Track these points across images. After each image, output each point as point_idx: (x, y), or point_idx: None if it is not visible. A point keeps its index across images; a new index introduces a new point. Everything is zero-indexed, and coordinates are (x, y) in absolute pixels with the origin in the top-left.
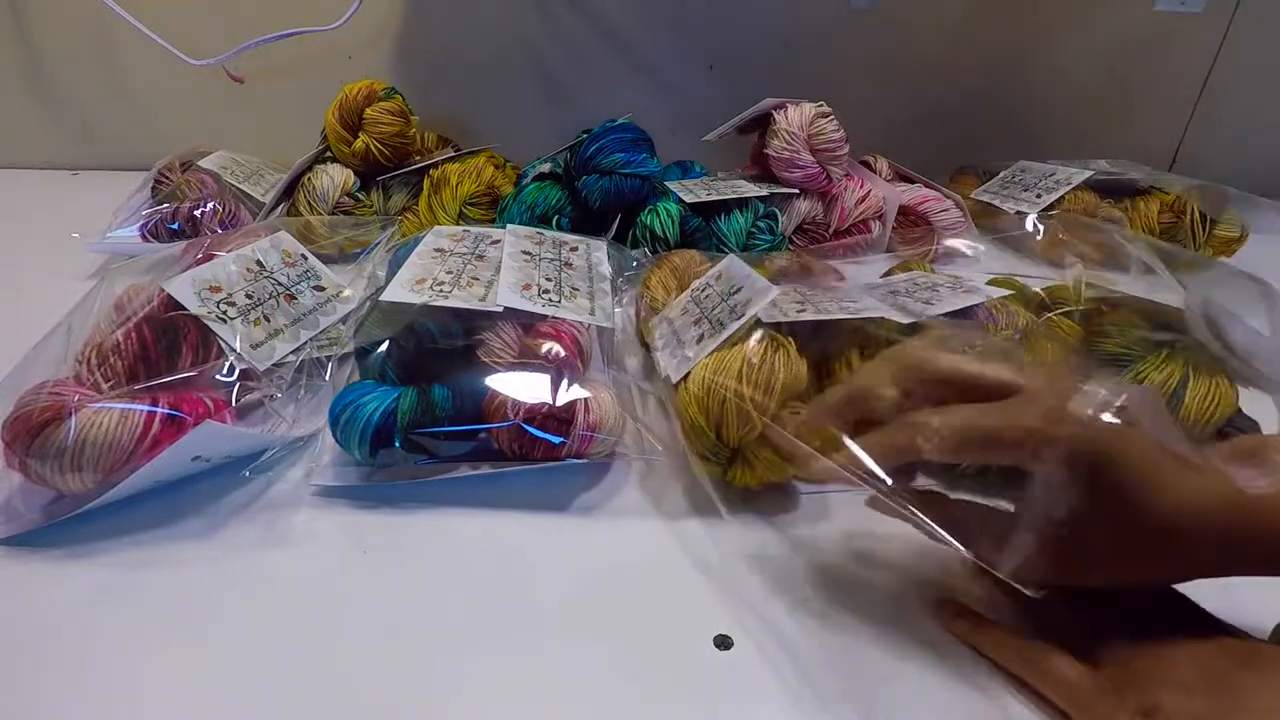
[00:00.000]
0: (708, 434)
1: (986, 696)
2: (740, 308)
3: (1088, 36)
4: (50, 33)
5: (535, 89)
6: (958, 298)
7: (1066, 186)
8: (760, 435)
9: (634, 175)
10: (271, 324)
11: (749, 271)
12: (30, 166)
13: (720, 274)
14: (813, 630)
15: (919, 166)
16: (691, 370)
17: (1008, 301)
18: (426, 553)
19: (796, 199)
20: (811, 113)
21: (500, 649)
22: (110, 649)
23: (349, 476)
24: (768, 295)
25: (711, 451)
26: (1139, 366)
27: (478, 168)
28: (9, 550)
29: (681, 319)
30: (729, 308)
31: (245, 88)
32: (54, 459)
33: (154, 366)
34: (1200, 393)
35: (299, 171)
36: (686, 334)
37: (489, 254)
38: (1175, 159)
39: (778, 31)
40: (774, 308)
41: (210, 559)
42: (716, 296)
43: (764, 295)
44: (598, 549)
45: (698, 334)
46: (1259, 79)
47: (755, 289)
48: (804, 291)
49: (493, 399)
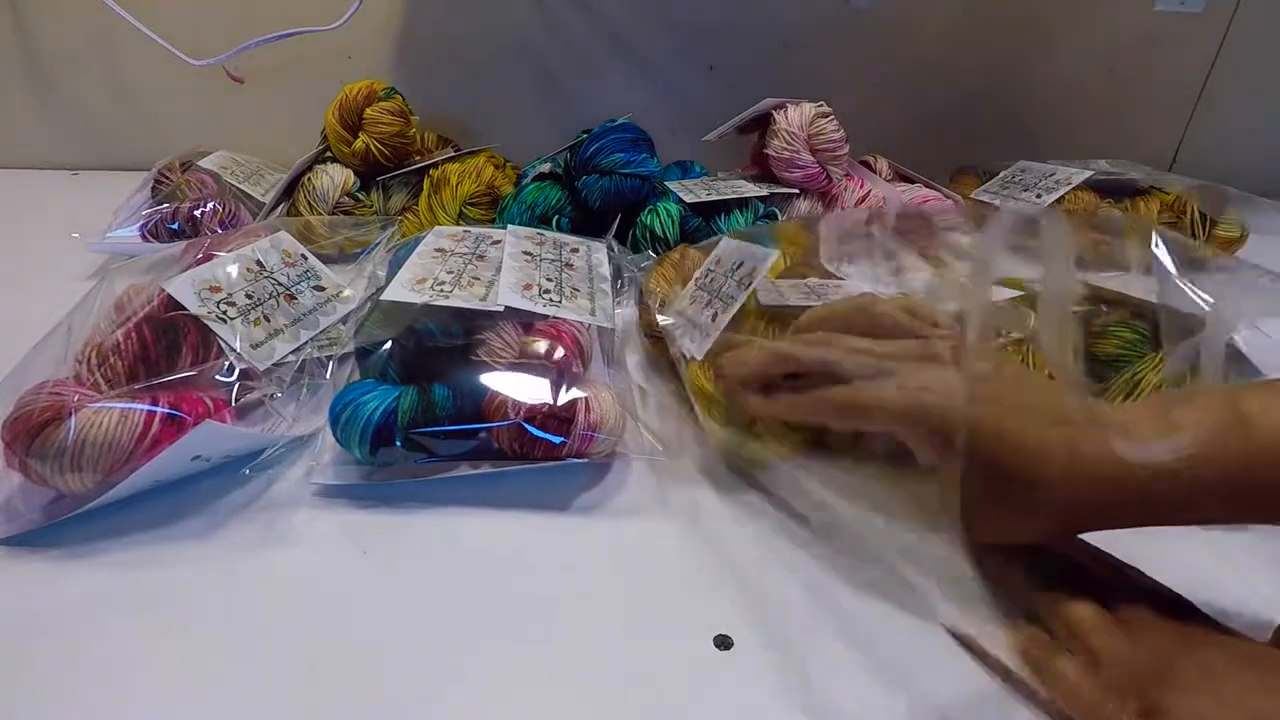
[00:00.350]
0: (719, 400)
1: (991, 698)
2: (746, 278)
3: (1088, 36)
4: (50, 33)
5: (535, 89)
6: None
7: (1066, 186)
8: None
9: (634, 175)
10: (271, 324)
11: (746, 245)
12: (30, 166)
13: (719, 258)
14: (813, 631)
15: (919, 166)
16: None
17: (1017, 303)
18: (426, 553)
19: (796, 199)
20: (811, 113)
21: (500, 648)
22: (110, 649)
23: (349, 475)
24: (768, 259)
25: (726, 423)
26: (1136, 368)
27: (478, 168)
28: (9, 550)
29: (692, 307)
30: (735, 281)
31: (245, 88)
32: (54, 459)
33: (154, 366)
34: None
35: (299, 171)
36: (701, 317)
37: (490, 254)
38: (1175, 159)
39: (778, 31)
40: (776, 293)
41: (210, 559)
42: (721, 277)
43: (765, 260)
44: (598, 549)
45: (711, 314)
46: (1259, 79)
47: (756, 257)
48: (812, 285)
49: (493, 398)
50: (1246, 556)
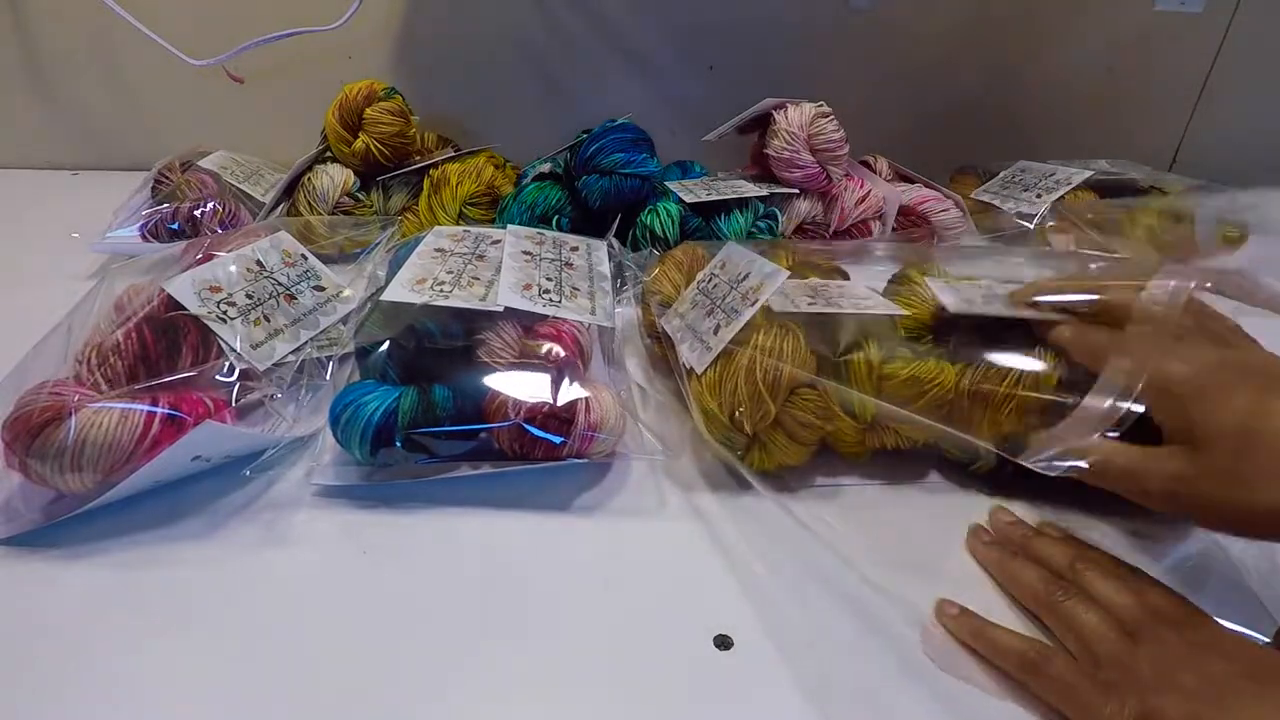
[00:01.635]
0: (721, 419)
1: (989, 698)
2: (752, 294)
3: (1088, 36)
4: (50, 33)
5: (535, 89)
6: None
7: (1066, 186)
8: (775, 419)
9: (634, 175)
10: (271, 324)
11: (753, 256)
12: (30, 166)
13: (724, 262)
14: (813, 631)
15: (919, 166)
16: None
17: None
18: (426, 553)
19: (796, 199)
20: (811, 113)
21: (500, 648)
22: (110, 649)
23: (349, 476)
24: (778, 279)
25: (727, 437)
26: None
27: (478, 168)
28: (9, 550)
29: (693, 312)
30: (740, 294)
31: (245, 88)
32: (54, 459)
33: (154, 366)
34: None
35: (299, 171)
36: (701, 325)
37: (489, 254)
38: (1175, 159)
39: (778, 32)
40: (785, 298)
41: (210, 559)
42: (725, 285)
43: (774, 279)
44: (598, 549)
45: (713, 324)
46: (1259, 79)
47: (764, 273)
48: (815, 286)
49: (493, 399)
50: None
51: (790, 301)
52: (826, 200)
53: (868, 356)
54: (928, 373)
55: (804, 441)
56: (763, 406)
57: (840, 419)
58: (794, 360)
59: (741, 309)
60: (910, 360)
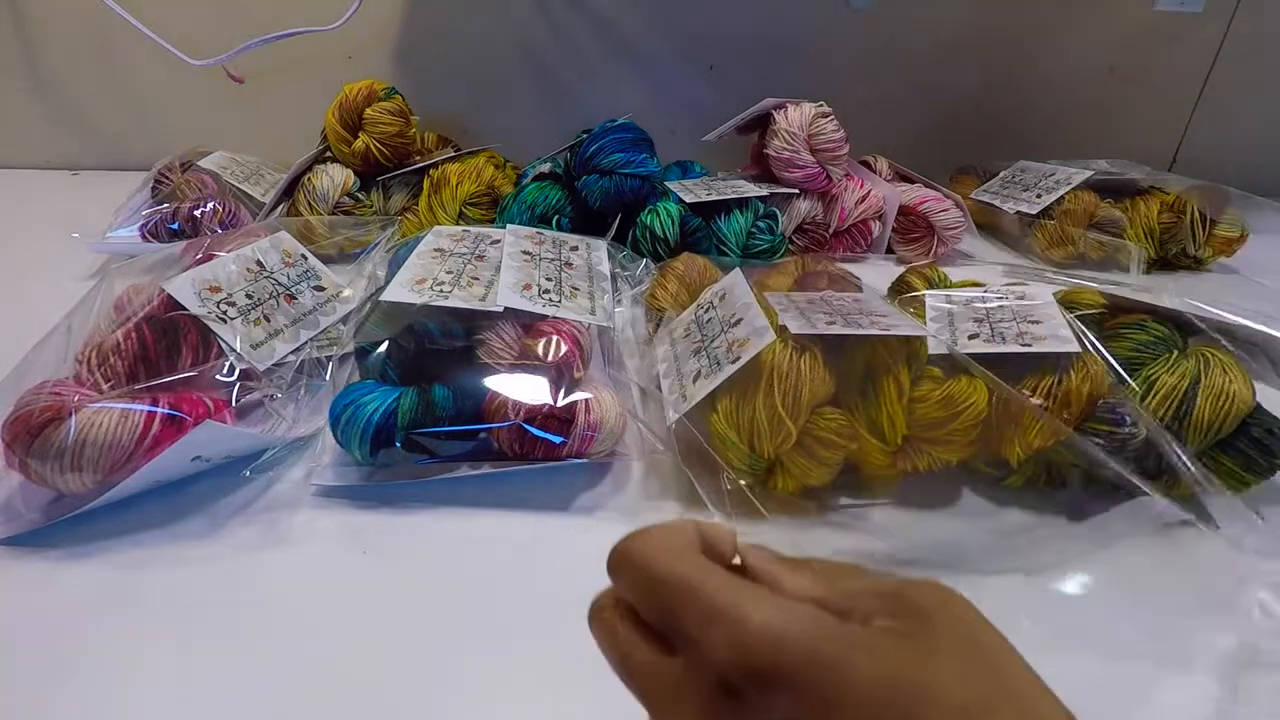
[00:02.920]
0: (740, 448)
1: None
2: (737, 347)
3: (1088, 36)
4: (50, 33)
5: (535, 89)
6: (1045, 341)
7: (1066, 186)
8: (796, 442)
9: (634, 175)
10: (271, 324)
11: (749, 300)
12: (30, 166)
13: (724, 294)
14: None
15: (919, 166)
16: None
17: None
18: (426, 553)
19: (796, 199)
20: (811, 113)
21: (500, 648)
22: (110, 649)
23: (349, 476)
24: (764, 339)
25: (748, 464)
26: (1150, 368)
27: (478, 168)
28: (9, 550)
29: (684, 341)
30: (726, 343)
31: (245, 88)
32: (54, 459)
33: (154, 366)
34: (1213, 393)
35: (299, 171)
36: (686, 365)
37: (489, 254)
38: (1175, 159)
39: (778, 31)
40: (802, 318)
41: (210, 559)
42: (718, 324)
43: (761, 338)
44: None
45: (695, 368)
46: (1259, 79)
47: (754, 328)
48: (830, 301)
49: (493, 399)
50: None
51: (808, 322)
52: (826, 200)
53: (898, 379)
54: (961, 393)
55: (827, 462)
56: (782, 429)
57: (865, 439)
58: (812, 383)
59: (723, 363)
60: (942, 381)
